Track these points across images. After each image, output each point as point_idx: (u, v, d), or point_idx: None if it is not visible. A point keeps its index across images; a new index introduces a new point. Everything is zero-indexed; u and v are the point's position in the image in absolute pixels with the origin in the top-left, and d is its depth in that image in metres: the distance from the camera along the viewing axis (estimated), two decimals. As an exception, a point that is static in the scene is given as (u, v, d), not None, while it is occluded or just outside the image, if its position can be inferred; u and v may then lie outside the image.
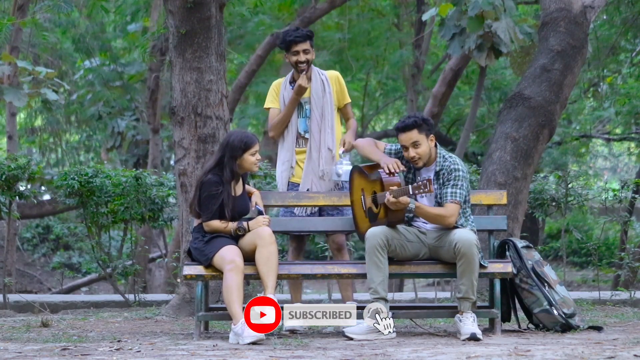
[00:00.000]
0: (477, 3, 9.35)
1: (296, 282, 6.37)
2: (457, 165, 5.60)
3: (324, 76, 6.33)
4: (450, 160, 5.63)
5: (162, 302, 8.43)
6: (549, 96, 8.32)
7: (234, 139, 5.77)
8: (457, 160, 5.64)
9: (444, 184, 5.58)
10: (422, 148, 5.58)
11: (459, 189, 5.55)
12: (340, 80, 6.37)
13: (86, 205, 8.58)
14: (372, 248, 5.51)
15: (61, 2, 10.17)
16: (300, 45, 6.23)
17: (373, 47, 16.57)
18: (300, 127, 6.31)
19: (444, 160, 5.64)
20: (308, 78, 6.30)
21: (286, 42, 6.27)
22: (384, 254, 5.53)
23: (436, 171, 5.65)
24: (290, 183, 6.33)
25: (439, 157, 5.65)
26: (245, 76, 14.12)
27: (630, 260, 8.93)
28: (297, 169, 6.29)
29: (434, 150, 5.66)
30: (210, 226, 5.70)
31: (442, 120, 18.11)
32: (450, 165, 5.60)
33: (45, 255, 19.84)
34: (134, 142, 18.20)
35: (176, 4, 7.40)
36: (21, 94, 9.91)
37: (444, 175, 5.60)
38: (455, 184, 5.55)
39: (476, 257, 5.43)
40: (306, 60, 6.25)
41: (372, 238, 5.53)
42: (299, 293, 6.38)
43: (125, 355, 4.70)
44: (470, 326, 5.38)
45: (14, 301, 8.59)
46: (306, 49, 6.24)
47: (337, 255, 6.36)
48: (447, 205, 5.53)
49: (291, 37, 6.26)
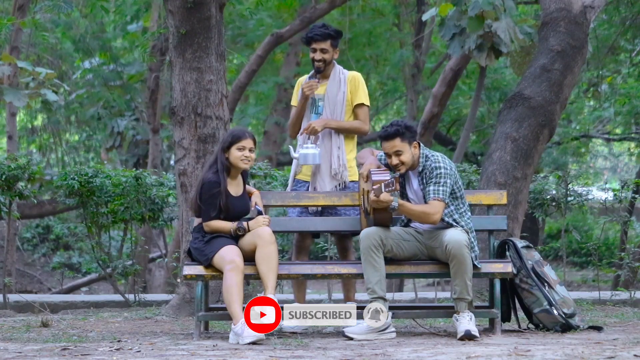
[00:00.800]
0: (477, 3, 9.35)
1: (299, 282, 6.37)
2: (439, 163, 5.59)
3: (343, 75, 6.30)
4: (432, 158, 5.63)
5: (162, 302, 8.42)
6: (549, 96, 8.32)
7: (228, 133, 5.92)
8: (439, 159, 5.63)
9: (427, 182, 5.59)
10: (405, 156, 5.58)
11: (441, 186, 5.54)
12: (357, 80, 6.29)
13: (86, 205, 8.58)
14: (367, 248, 5.52)
15: (61, 2, 10.17)
16: (319, 44, 6.22)
17: (373, 47, 16.57)
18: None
19: (426, 159, 5.65)
20: (326, 76, 6.27)
21: (307, 37, 6.29)
22: (379, 254, 5.53)
23: (419, 171, 5.66)
24: (296, 180, 6.32)
25: (421, 158, 5.66)
26: (245, 76, 14.11)
27: (630, 260, 8.93)
28: (305, 166, 6.28)
29: (418, 154, 5.65)
30: (210, 226, 5.70)
31: (442, 120, 18.10)
32: (431, 164, 5.60)
33: (45, 255, 19.84)
34: (134, 142, 18.19)
35: (176, 4, 7.40)
36: (21, 94, 9.92)
37: (426, 174, 5.61)
38: (437, 182, 5.55)
39: (467, 258, 5.43)
40: (322, 59, 6.23)
41: (366, 239, 5.54)
42: (302, 293, 6.37)
43: (125, 355, 4.70)
44: (467, 324, 5.38)
45: (14, 301, 8.59)
46: (324, 48, 6.22)
47: (342, 256, 6.35)
48: (430, 203, 5.53)
49: (312, 33, 6.26)
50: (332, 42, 6.25)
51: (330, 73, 6.30)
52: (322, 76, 6.32)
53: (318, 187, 6.20)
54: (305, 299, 6.44)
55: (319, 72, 6.29)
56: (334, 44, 6.27)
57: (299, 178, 6.32)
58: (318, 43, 6.23)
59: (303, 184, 6.28)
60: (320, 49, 6.23)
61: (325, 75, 6.31)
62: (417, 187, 5.69)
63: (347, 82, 6.27)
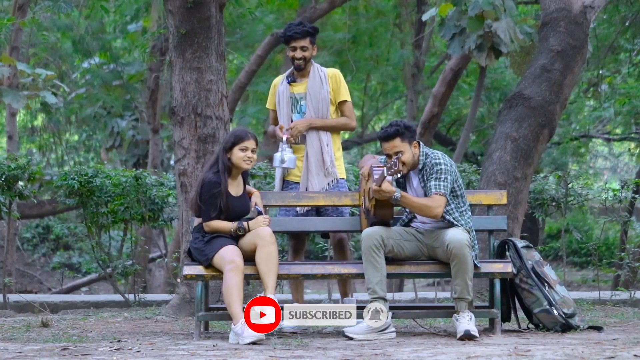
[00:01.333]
0: (477, 3, 9.36)
1: (297, 282, 6.37)
2: (439, 159, 5.59)
3: (322, 73, 6.27)
4: (432, 155, 5.63)
5: (162, 302, 8.43)
6: (549, 96, 8.33)
7: (229, 133, 5.89)
8: (439, 155, 5.63)
9: (427, 178, 5.59)
10: (406, 156, 5.57)
11: (442, 181, 5.54)
12: (338, 77, 6.27)
13: (86, 205, 8.59)
14: (368, 248, 5.52)
15: (61, 2, 10.17)
16: (299, 42, 6.20)
17: (374, 47, 16.56)
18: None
19: (426, 157, 5.65)
20: (305, 75, 6.23)
21: (286, 36, 6.25)
22: (380, 254, 5.53)
23: (419, 169, 5.66)
24: (285, 181, 6.29)
25: (421, 156, 5.66)
26: (245, 76, 14.12)
27: (630, 260, 8.93)
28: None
29: (418, 153, 5.65)
30: (210, 226, 5.70)
31: (442, 120, 18.10)
32: (431, 160, 5.60)
33: (45, 255, 19.84)
34: (134, 142, 18.20)
35: (176, 4, 7.40)
36: (20, 95, 9.92)
37: (427, 171, 5.61)
38: (438, 177, 5.55)
39: (469, 257, 5.43)
40: (302, 57, 6.21)
41: (367, 238, 5.54)
42: (300, 293, 6.37)
43: (125, 355, 4.70)
44: (466, 324, 5.38)
45: (14, 301, 8.59)
46: (304, 46, 6.21)
47: (338, 251, 6.31)
48: (432, 197, 5.52)
49: (290, 32, 6.23)
50: (310, 39, 6.23)
51: (309, 71, 6.27)
52: (301, 75, 6.29)
53: (310, 187, 6.16)
54: (303, 299, 6.44)
55: (299, 70, 6.25)
56: (312, 40, 6.24)
57: (288, 179, 6.28)
58: (297, 41, 6.20)
59: (294, 185, 6.26)
60: (300, 46, 6.21)
61: (303, 73, 6.29)
62: (417, 185, 5.69)
63: (328, 79, 6.25)
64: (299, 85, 6.27)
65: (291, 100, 6.27)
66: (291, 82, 6.28)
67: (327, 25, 16.41)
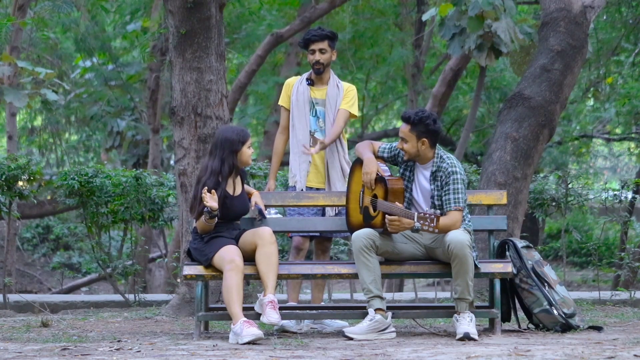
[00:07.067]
0: (477, 3, 9.36)
1: (295, 282, 6.38)
2: (455, 167, 5.57)
3: (340, 84, 6.36)
4: (449, 162, 5.59)
5: (162, 302, 8.43)
6: (549, 96, 8.33)
7: (230, 134, 5.76)
8: (454, 162, 5.60)
9: (443, 187, 5.57)
10: (408, 145, 5.59)
11: (460, 193, 5.53)
12: (350, 91, 6.34)
13: (86, 205, 8.58)
14: (358, 250, 5.51)
15: (61, 2, 10.17)
16: (317, 44, 6.25)
17: (374, 47, 16.57)
18: (311, 126, 6.30)
19: (442, 160, 5.62)
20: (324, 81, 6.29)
21: (304, 40, 6.32)
22: (372, 254, 5.52)
23: (432, 171, 5.64)
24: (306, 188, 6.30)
25: (436, 157, 5.64)
26: (245, 76, 14.11)
27: (630, 260, 8.93)
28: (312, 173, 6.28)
29: (426, 151, 5.61)
30: (198, 226, 5.69)
31: (442, 120, 18.10)
32: (447, 167, 5.57)
33: (45, 255, 19.85)
34: (134, 142, 18.19)
35: (176, 4, 7.40)
36: (21, 94, 9.92)
37: (442, 177, 5.58)
38: (455, 189, 5.53)
39: (470, 258, 5.42)
40: (321, 59, 6.25)
41: (357, 240, 5.53)
42: (296, 293, 6.38)
43: (125, 355, 4.70)
44: (466, 326, 5.37)
45: (14, 301, 8.59)
46: (322, 49, 6.25)
47: (322, 252, 6.37)
48: (450, 214, 5.49)
49: (309, 35, 6.30)
50: (329, 42, 6.28)
51: (328, 77, 6.33)
52: (320, 81, 6.33)
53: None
54: (299, 299, 6.44)
55: (319, 73, 6.30)
56: (332, 44, 6.30)
57: (309, 186, 6.28)
58: (316, 44, 6.26)
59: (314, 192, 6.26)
60: (319, 49, 6.26)
61: (322, 80, 6.33)
62: (424, 181, 5.64)
63: (342, 91, 6.32)
64: (317, 91, 6.32)
65: (308, 105, 6.31)
66: (309, 84, 6.31)
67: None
